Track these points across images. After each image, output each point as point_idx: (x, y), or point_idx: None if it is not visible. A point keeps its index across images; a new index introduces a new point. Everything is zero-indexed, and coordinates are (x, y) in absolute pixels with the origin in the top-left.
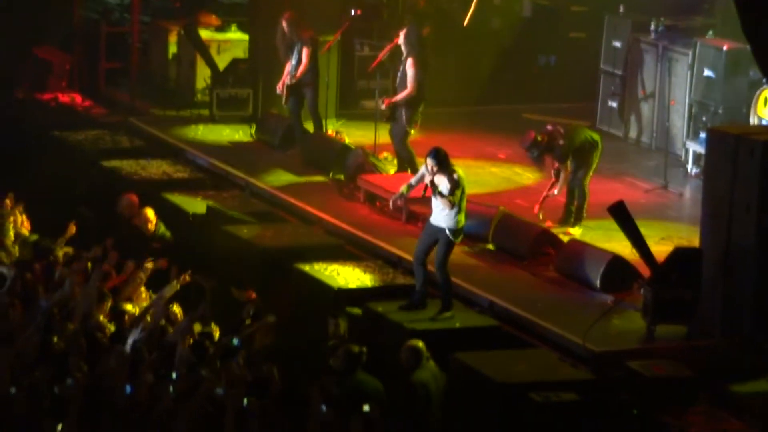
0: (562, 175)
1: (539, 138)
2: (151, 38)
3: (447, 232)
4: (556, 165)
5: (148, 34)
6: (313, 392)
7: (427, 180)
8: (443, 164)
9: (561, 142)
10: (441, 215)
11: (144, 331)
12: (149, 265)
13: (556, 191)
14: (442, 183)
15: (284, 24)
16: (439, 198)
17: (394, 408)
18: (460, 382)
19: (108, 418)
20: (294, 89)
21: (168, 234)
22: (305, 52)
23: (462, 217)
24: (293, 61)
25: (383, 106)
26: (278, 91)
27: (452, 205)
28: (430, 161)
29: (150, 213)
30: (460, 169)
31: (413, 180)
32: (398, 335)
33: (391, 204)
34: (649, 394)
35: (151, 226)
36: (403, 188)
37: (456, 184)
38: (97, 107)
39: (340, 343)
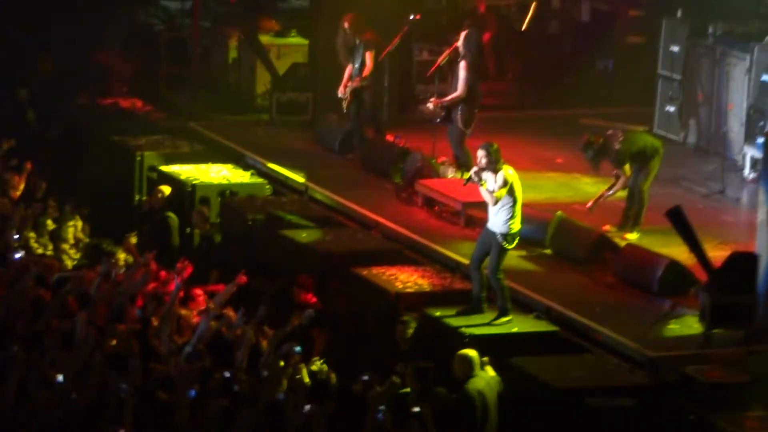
0: (621, 180)
1: (592, 139)
2: (211, 43)
3: (499, 237)
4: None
5: (208, 39)
6: (370, 397)
7: (473, 172)
8: (492, 159)
9: (617, 146)
10: (495, 220)
11: (200, 336)
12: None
13: (611, 192)
14: (490, 178)
15: (346, 26)
16: (483, 192)
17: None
18: (517, 388)
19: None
20: (355, 93)
21: (218, 237)
22: (368, 55)
23: (516, 223)
24: (356, 64)
25: (431, 106)
26: (340, 94)
27: (495, 201)
28: (480, 152)
29: (207, 213)
30: (512, 169)
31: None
32: (456, 340)
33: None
34: (706, 399)
35: (207, 226)
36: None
37: (503, 182)
38: (157, 112)
39: (410, 348)
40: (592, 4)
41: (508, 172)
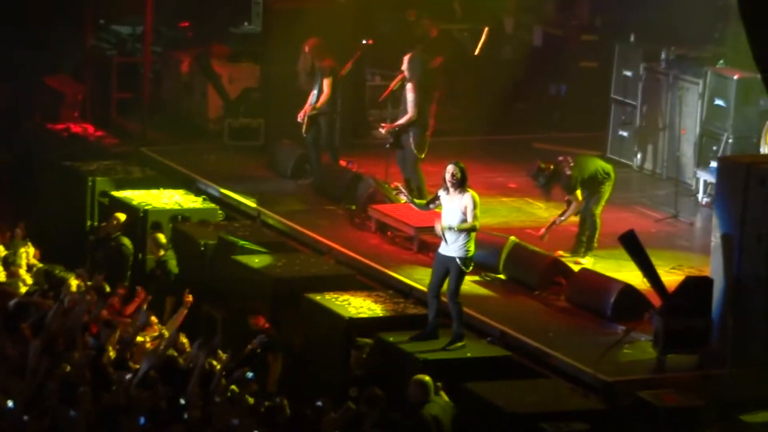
0: (572, 205)
1: (543, 165)
2: (163, 68)
3: (458, 261)
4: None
5: (160, 64)
6: (324, 423)
7: (443, 192)
8: (465, 178)
9: (568, 172)
10: (455, 244)
11: (154, 361)
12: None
13: (562, 218)
14: (461, 200)
15: (306, 51)
16: (457, 216)
17: None
18: (471, 413)
19: None
20: (313, 119)
21: (173, 263)
22: (326, 82)
23: (472, 246)
24: (315, 91)
25: (383, 131)
26: (299, 119)
27: (473, 228)
28: (452, 168)
29: (161, 238)
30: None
31: (430, 203)
32: (410, 365)
33: (438, 230)
34: (660, 424)
35: (161, 252)
36: (420, 203)
37: (475, 203)
38: (109, 137)
39: (364, 374)
40: (545, 29)
41: (475, 194)
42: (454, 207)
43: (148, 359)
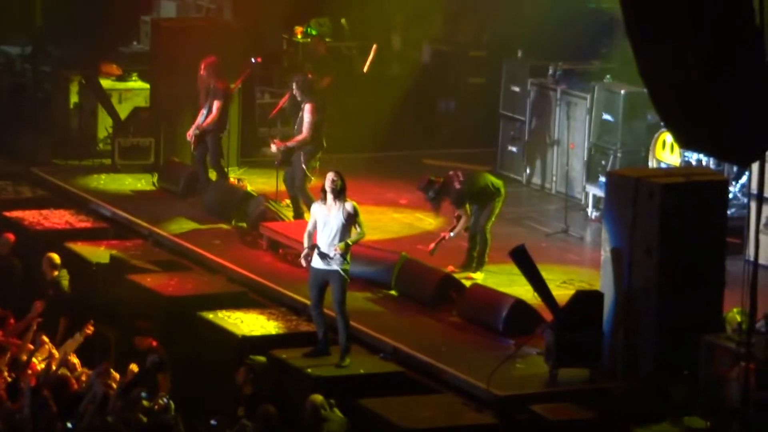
0: (462, 219)
1: (433, 178)
2: (52, 88)
3: (341, 272)
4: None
5: (49, 83)
6: None
7: (318, 206)
8: (345, 187)
9: (458, 186)
10: (329, 259)
11: (45, 382)
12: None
13: (452, 234)
14: (344, 209)
15: (202, 69)
16: (341, 227)
17: None
18: (366, 429)
19: None
20: (200, 137)
21: (66, 283)
22: (216, 103)
23: (349, 254)
24: (204, 110)
25: (274, 148)
26: (188, 138)
27: (363, 236)
28: (332, 175)
29: (55, 258)
30: None
31: (310, 227)
32: (303, 382)
33: (303, 262)
34: None
35: (54, 273)
36: (306, 242)
37: (356, 212)
38: None
39: (253, 392)
40: (433, 46)
41: (354, 202)
42: (336, 219)
43: (40, 380)
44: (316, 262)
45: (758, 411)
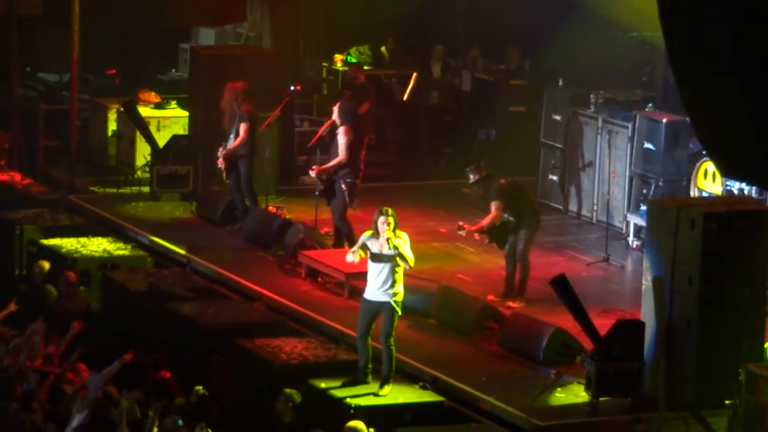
0: (490, 216)
1: (482, 165)
2: (90, 116)
3: (393, 304)
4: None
5: (87, 111)
6: None
7: (376, 243)
8: (397, 222)
9: (502, 181)
10: (382, 290)
11: (85, 412)
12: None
13: (481, 225)
14: (375, 244)
15: (227, 94)
16: (397, 256)
17: None
18: None
19: None
20: (231, 163)
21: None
22: (242, 126)
23: (403, 287)
24: (232, 135)
25: (312, 174)
26: (219, 164)
27: (407, 263)
28: (383, 218)
29: (45, 266)
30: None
31: (354, 248)
32: (341, 412)
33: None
34: None
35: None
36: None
37: (407, 241)
38: (36, 185)
39: (295, 421)
40: (474, 74)
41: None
42: (387, 252)
43: (80, 409)
44: (369, 293)
45: None
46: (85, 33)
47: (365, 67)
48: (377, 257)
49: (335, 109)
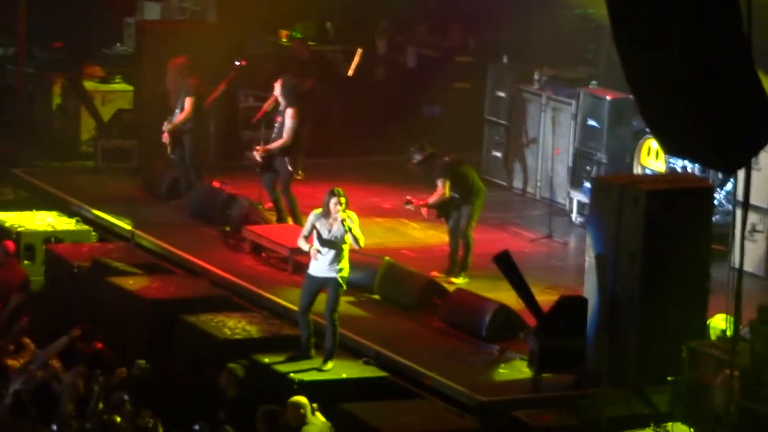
0: (436, 194)
1: (426, 147)
2: (35, 90)
3: (339, 279)
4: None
5: (32, 85)
6: None
7: (326, 222)
8: (347, 201)
9: (446, 159)
10: (327, 266)
11: (25, 383)
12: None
13: (429, 202)
14: (324, 225)
15: (171, 68)
16: (348, 235)
17: None
18: None
19: None
20: (176, 138)
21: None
22: (188, 100)
23: (348, 263)
24: (177, 109)
25: (257, 155)
26: (163, 139)
27: (358, 244)
28: (335, 198)
29: (8, 247)
30: None
31: (305, 232)
32: (285, 387)
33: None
34: None
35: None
36: (304, 246)
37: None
38: None
39: (238, 395)
40: (419, 50)
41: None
42: (338, 229)
43: (18, 380)
44: (314, 269)
45: (742, 418)
46: (31, 6)
47: (310, 43)
48: (327, 239)
49: (277, 86)
